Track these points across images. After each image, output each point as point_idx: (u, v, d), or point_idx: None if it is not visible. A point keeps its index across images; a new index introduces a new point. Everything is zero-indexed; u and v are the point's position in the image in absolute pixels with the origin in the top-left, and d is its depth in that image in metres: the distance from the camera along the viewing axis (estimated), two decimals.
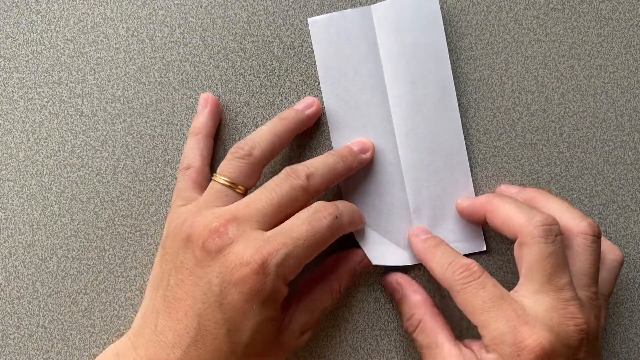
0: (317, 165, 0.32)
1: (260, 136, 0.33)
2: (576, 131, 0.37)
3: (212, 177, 0.32)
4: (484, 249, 0.36)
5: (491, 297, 0.29)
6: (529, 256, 0.29)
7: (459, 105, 0.36)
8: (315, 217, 0.30)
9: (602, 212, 0.37)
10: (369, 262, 0.35)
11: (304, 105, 0.35)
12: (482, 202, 0.33)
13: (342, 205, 0.32)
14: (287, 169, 0.31)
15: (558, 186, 0.37)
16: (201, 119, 0.35)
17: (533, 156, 0.37)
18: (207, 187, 0.33)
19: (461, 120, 0.36)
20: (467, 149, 0.36)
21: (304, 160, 0.34)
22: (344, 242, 0.35)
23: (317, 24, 0.36)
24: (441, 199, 0.36)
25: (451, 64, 0.36)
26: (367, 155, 0.35)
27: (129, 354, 0.30)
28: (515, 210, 0.31)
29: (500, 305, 0.29)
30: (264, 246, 0.28)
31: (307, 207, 0.31)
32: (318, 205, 0.31)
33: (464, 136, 0.36)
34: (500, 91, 0.37)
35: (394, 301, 0.35)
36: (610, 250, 0.34)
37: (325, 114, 0.36)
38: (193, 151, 0.34)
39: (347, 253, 0.35)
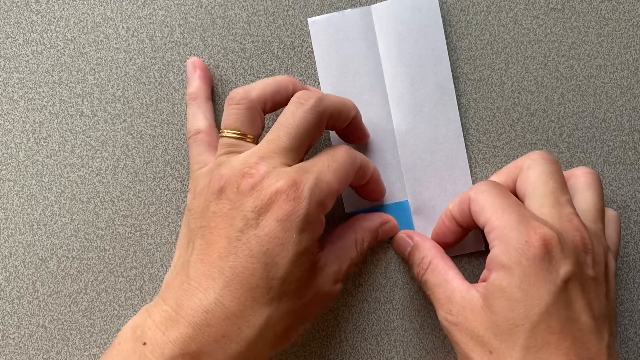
0: (328, 95, 0.32)
1: (258, 81, 0.33)
2: (576, 131, 0.37)
3: (220, 134, 0.32)
4: (482, 248, 0.36)
5: (511, 201, 0.30)
6: (532, 176, 0.30)
7: (459, 105, 0.36)
8: (330, 149, 0.31)
9: None
10: (392, 227, 0.35)
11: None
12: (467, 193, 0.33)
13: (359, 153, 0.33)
14: (297, 93, 0.31)
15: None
16: (195, 84, 0.35)
17: None
18: None
19: (461, 120, 0.36)
20: (467, 149, 0.36)
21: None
22: None
23: (317, 24, 0.36)
24: (441, 198, 0.36)
25: (451, 64, 0.36)
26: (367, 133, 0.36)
27: (157, 307, 0.29)
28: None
29: (514, 204, 0.30)
30: (294, 174, 0.29)
31: (330, 147, 0.32)
32: (340, 145, 0.32)
33: (464, 136, 0.36)
34: (500, 91, 0.37)
35: (405, 257, 0.35)
36: (605, 210, 0.34)
37: None
38: (197, 116, 0.34)
39: (371, 214, 0.35)
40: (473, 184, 0.36)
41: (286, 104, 0.32)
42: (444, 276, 0.31)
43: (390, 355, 0.36)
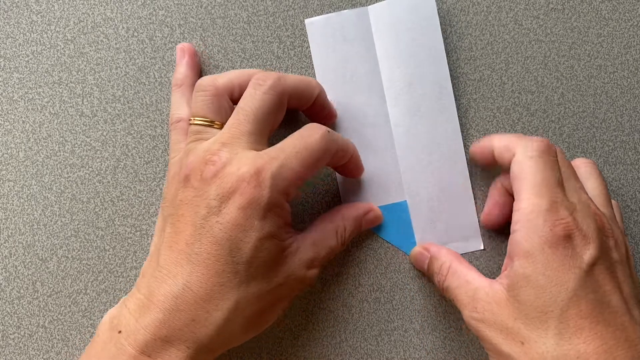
0: (287, 75, 0.32)
1: (226, 72, 0.33)
2: (576, 131, 0.37)
3: (189, 122, 0.32)
4: (482, 247, 0.36)
5: (555, 179, 0.29)
6: (532, 169, 0.30)
7: (459, 105, 0.36)
8: (306, 132, 0.31)
9: None
10: (376, 216, 0.35)
11: None
12: (486, 139, 0.33)
13: (336, 134, 0.32)
14: (255, 77, 0.31)
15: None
16: (181, 70, 0.35)
17: None
18: None
19: (461, 120, 0.36)
20: (466, 149, 0.36)
21: None
22: None
23: (314, 25, 0.36)
24: (439, 199, 0.36)
25: (451, 64, 0.36)
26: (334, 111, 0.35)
27: (132, 297, 0.30)
28: (512, 135, 0.32)
29: (555, 188, 0.29)
30: (257, 160, 0.29)
31: (301, 128, 0.31)
32: (309, 124, 0.31)
33: (464, 136, 0.36)
34: (500, 91, 0.37)
35: (425, 270, 0.35)
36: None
37: None
38: (179, 103, 0.34)
39: (355, 203, 0.35)
40: (472, 184, 0.36)
41: None
42: (464, 277, 0.31)
43: (390, 356, 0.36)
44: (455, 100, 0.36)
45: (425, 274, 0.35)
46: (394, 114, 0.35)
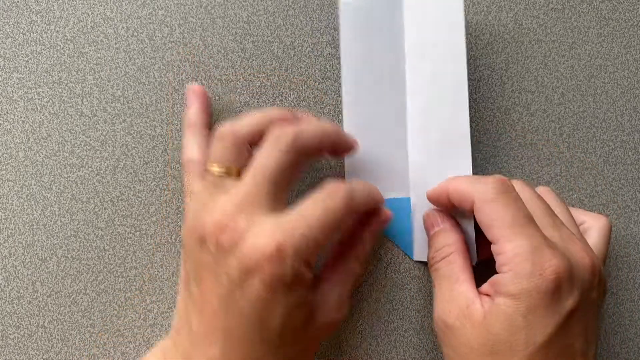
0: (304, 124, 0.31)
1: (245, 117, 0.32)
2: (576, 131, 0.37)
3: (206, 167, 0.31)
4: (474, 263, 0.34)
5: (523, 215, 0.29)
6: (498, 212, 0.29)
7: None
8: (328, 198, 0.29)
9: (602, 212, 0.37)
10: (387, 217, 0.34)
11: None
12: (441, 186, 0.33)
13: (356, 185, 0.31)
14: (272, 132, 0.30)
15: (558, 186, 0.37)
16: (193, 111, 0.34)
17: (533, 156, 0.37)
18: None
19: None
20: (473, 153, 0.35)
21: None
22: None
23: (348, 5, 0.35)
24: None
25: None
26: (355, 144, 0.34)
27: (172, 353, 0.30)
28: (466, 180, 0.31)
29: (529, 225, 0.28)
30: (278, 231, 0.27)
31: (320, 189, 0.30)
32: (331, 185, 0.30)
33: None
34: (500, 91, 0.37)
35: (429, 235, 0.34)
36: (594, 218, 0.34)
37: (340, 97, 0.36)
38: (191, 144, 0.34)
39: (362, 216, 0.34)
40: None
41: None
42: (457, 273, 0.31)
43: (390, 356, 0.36)
44: None
45: (431, 235, 0.34)
46: (412, 109, 0.35)
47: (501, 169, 0.37)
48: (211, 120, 0.36)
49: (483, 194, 0.30)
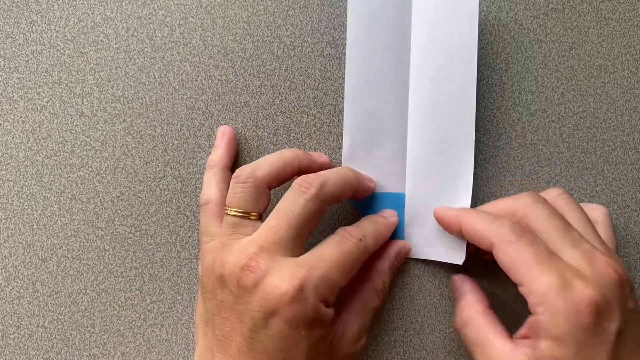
0: (328, 174, 0.32)
1: (264, 159, 0.33)
2: (576, 131, 0.37)
3: (225, 210, 0.32)
4: (461, 263, 0.35)
5: (544, 251, 0.28)
6: (538, 222, 0.30)
7: None
8: (342, 240, 0.31)
9: None
10: (406, 251, 0.35)
11: (317, 156, 0.35)
12: (453, 215, 0.33)
13: (366, 225, 0.33)
14: (298, 180, 0.31)
15: (558, 186, 0.37)
16: (218, 152, 0.35)
17: (533, 156, 0.37)
18: None
19: None
20: (475, 155, 0.35)
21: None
22: None
23: None
24: (437, 198, 0.35)
25: None
26: (373, 185, 0.35)
27: None
28: (482, 220, 0.31)
29: (551, 259, 0.28)
30: (298, 272, 0.29)
31: (334, 233, 0.32)
32: (343, 230, 0.32)
33: None
34: (500, 91, 0.37)
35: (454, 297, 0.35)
36: (594, 211, 0.34)
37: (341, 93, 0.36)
38: (209, 184, 0.34)
39: (384, 249, 0.35)
40: (473, 184, 0.36)
41: (291, 178, 0.32)
42: (483, 335, 0.30)
43: (390, 356, 0.36)
44: None
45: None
46: (414, 106, 0.35)
47: (501, 169, 0.37)
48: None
49: (502, 237, 0.30)
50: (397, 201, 0.36)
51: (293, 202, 0.30)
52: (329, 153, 0.36)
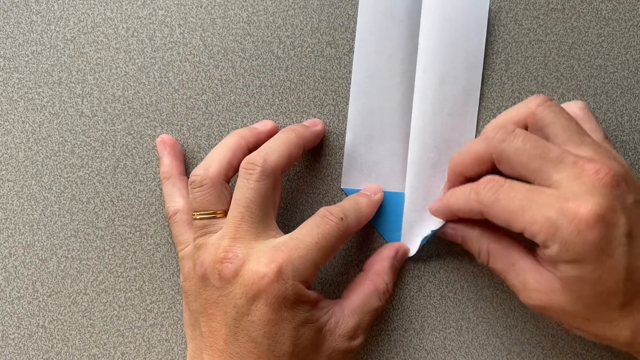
0: (269, 145, 0.32)
1: (212, 154, 0.33)
2: None
3: (192, 217, 0.33)
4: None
5: (525, 192, 0.29)
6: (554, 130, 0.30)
7: None
8: (323, 221, 0.31)
9: None
10: (405, 252, 0.35)
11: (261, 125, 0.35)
12: (441, 205, 0.33)
13: (347, 204, 0.33)
14: (242, 164, 0.31)
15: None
16: (166, 162, 0.35)
17: None
18: None
19: None
20: None
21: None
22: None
23: None
24: (435, 199, 0.35)
25: None
26: (319, 127, 0.35)
27: None
28: (458, 197, 0.32)
29: (535, 196, 0.28)
30: (276, 255, 0.29)
31: (315, 213, 0.32)
32: (324, 210, 0.32)
33: None
34: (500, 91, 0.37)
35: (458, 242, 0.34)
36: (571, 106, 0.33)
37: (349, 85, 0.36)
38: (172, 195, 0.34)
39: (382, 251, 0.35)
40: None
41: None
42: (508, 260, 0.31)
43: (390, 356, 0.36)
44: None
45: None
46: (418, 107, 0.35)
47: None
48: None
49: (483, 202, 0.30)
50: (396, 201, 0.36)
51: (244, 187, 0.31)
52: (329, 153, 0.36)
